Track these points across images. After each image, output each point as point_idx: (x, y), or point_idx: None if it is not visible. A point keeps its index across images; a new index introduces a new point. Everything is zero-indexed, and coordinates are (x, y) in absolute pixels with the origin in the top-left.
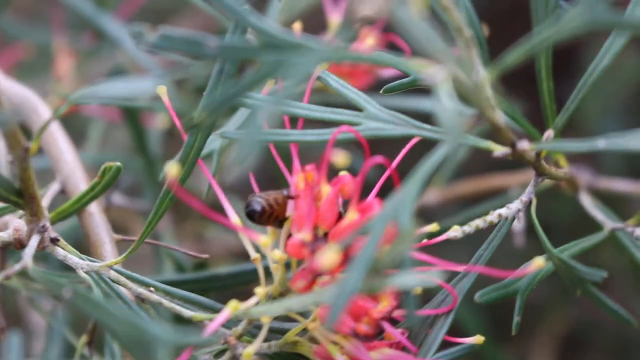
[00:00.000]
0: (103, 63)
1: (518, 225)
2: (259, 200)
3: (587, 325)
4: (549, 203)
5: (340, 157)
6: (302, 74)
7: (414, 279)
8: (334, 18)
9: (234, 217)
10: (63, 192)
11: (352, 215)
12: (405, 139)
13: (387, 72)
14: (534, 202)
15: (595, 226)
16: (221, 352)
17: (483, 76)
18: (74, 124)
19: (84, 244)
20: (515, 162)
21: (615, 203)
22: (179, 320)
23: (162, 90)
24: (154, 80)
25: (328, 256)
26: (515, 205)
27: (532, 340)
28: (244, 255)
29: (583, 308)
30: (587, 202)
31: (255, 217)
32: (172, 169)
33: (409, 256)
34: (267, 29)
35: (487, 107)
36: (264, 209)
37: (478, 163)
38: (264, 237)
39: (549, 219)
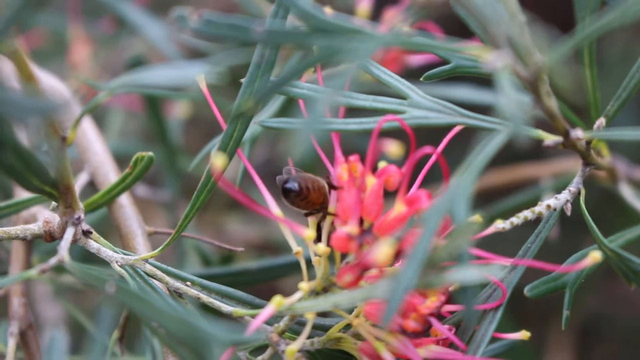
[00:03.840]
0: (120, 51)
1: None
2: (298, 180)
3: (603, 316)
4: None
5: (393, 148)
6: (362, 60)
7: (474, 274)
8: (363, 6)
9: (275, 209)
10: (91, 184)
11: (399, 208)
12: (442, 127)
13: (416, 60)
14: (583, 192)
15: (621, 215)
16: (258, 349)
17: (541, 63)
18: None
19: (107, 236)
20: (531, 152)
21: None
22: (212, 314)
23: (201, 79)
24: (201, 67)
25: (382, 250)
26: (564, 195)
27: (548, 329)
28: (264, 248)
29: (600, 299)
30: (627, 192)
31: (291, 196)
32: (217, 160)
33: (467, 250)
34: (318, 14)
35: (544, 94)
36: (302, 189)
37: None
38: (308, 231)
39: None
